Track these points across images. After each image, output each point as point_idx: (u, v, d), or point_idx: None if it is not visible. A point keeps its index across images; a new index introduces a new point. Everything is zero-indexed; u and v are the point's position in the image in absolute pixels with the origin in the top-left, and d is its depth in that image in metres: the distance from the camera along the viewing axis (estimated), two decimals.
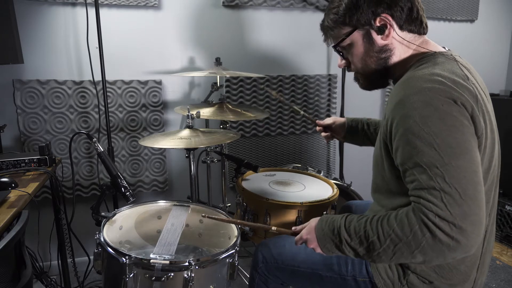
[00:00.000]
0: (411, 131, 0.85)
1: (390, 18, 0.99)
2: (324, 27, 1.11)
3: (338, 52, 1.11)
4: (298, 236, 1.10)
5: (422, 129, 0.84)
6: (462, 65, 0.97)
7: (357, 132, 1.48)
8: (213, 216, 1.26)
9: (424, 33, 1.05)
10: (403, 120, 0.87)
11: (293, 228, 1.13)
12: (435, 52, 1.00)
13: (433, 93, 0.86)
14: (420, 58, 1.01)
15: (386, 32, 1.00)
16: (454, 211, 0.79)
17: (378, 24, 1.00)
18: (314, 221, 1.06)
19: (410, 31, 1.02)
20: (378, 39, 1.02)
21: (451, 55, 1.00)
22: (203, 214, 1.34)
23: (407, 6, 0.99)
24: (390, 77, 1.10)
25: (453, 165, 0.81)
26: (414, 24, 1.01)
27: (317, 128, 1.59)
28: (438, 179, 0.81)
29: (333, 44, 1.10)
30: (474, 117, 0.86)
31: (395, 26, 1.00)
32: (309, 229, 1.06)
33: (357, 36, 1.04)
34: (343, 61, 1.13)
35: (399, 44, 1.03)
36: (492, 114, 0.98)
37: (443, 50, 1.03)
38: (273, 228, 1.17)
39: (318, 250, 1.02)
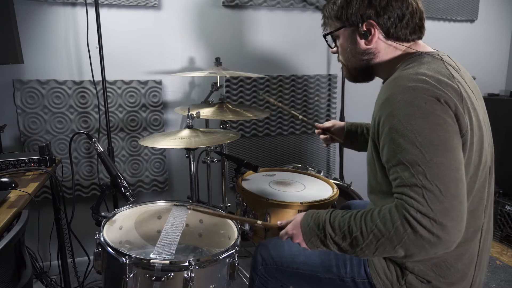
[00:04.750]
0: (395, 129, 0.87)
1: (375, 26, 1.01)
2: (324, 13, 1.14)
3: (332, 38, 1.13)
4: (283, 231, 1.11)
5: (405, 127, 0.85)
6: (448, 64, 0.98)
7: (356, 136, 1.48)
8: (198, 209, 1.29)
9: (414, 39, 1.04)
10: (388, 119, 0.89)
11: (278, 222, 1.14)
12: (422, 52, 1.01)
13: (417, 92, 0.87)
14: (407, 59, 1.02)
15: (369, 38, 1.02)
16: (435, 207, 0.80)
17: (364, 28, 1.02)
18: (299, 216, 1.08)
19: (397, 38, 1.02)
20: (362, 42, 1.04)
21: (438, 55, 1.01)
22: (188, 206, 1.36)
23: (396, 15, 0.99)
24: (375, 74, 1.12)
25: (435, 162, 0.82)
26: (403, 32, 1.01)
27: (316, 131, 1.59)
28: (419, 176, 0.82)
29: (323, 33, 1.14)
30: (458, 115, 0.87)
31: (380, 33, 1.02)
32: (295, 224, 1.07)
33: (344, 33, 1.07)
34: (335, 48, 1.15)
35: (385, 48, 1.04)
36: (481, 112, 0.99)
37: (431, 50, 1.04)
38: (259, 222, 1.19)
39: (303, 245, 1.04)
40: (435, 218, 0.80)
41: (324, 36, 1.14)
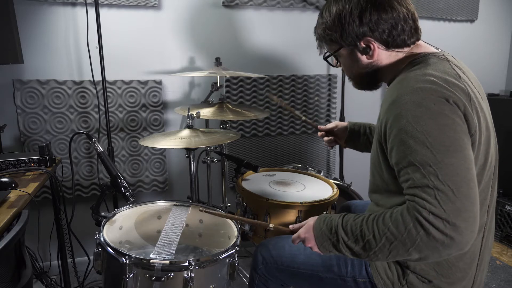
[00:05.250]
0: (405, 131, 0.86)
1: (373, 41, 1.00)
2: (316, 37, 1.13)
3: (334, 56, 1.13)
4: (295, 235, 1.10)
5: (415, 129, 0.85)
6: (454, 64, 0.98)
7: (358, 136, 1.47)
8: (211, 211, 1.28)
9: (414, 42, 1.04)
10: (396, 120, 0.89)
11: (290, 226, 1.14)
12: (427, 53, 1.01)
13: (425, 93, 0.87)
14: (412, 60, 1.01)
15: (370, 52, 1.02)
16: (448, 208, 0.80)
17: (362, 45, 1.02)
18: (312, 220, 1.07)
19: (397, 46, 1.02)
20: (363, 58, 1.04)
21: (443, 55, 1.01)
22: (200, 209, 1.36)
23: (390, 25, 0.98)
24: (381, 80, 1.12)
25: (446, 163, 0.82)
26: (401, 38, 1.00)
27: (319, 133, 1.58)
28: (431, 177, 0.82)
29: (322, 56, 1.14)
30: (467, 115, 0.87)
31: (380, 46, 1.01)
32: (307, 228, 1.06)
33: (343, 52, 1.07)
34: (338, 63, 1.16)
35: (387, 57, 1.04)
36: (487, 112, 0.99)
37: (435, 51, 1.04)
38: (271, 225, 1.19)
39: (316, 249, 1.03)
40: (448, 219, 0.80)
41: (325, 58, 1.13)
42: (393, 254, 0.88)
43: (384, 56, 1.03)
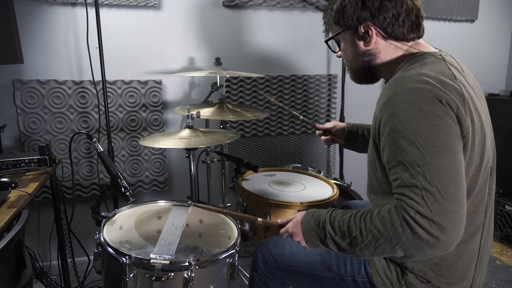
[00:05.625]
0: (396, 130, 0.87)
1: (372, 27, 1.01)
2: (324, 20, 1.15)
3: (336, 42, 1.14)
4: (283, 229, 1.11)
5: (406, 128, 0.86)
6: (450, 64, 0.98)
7: (357, 137, 1.48)
8: (199, 205, 1.29)
9: (414, 38, 1.03)
10: (389, 120, 0.89)
11: (279, 220, 1.15)
12: (424, 52, 1.01)
13: (418, 93, 0.88)
14: (410, 59, 1.02)
15: (368, 39, 1.02)
16: (434, 209, 0.80)
17: (362, 30, 1.02)
18: (300, 215, 1.08)
19: (396, 38, 1.02)
20: (361, 44, 1.05)
21: (440, 55, 1.01)
22: (189, 202, 1.36)
23: (391, 14, 0.99)
24: (378, 75, 1.12)
25: (435, 164, 0.82)
26: (400, 30, 1.01)
27: (317, 132, 1.59)
28: (419, 177, 0.83)
29: (325, 39, 1.15)
30: (460, 117, 0.87)
31: (378, 34, 1.02)
32: (295, 222, 1.08)
33: (344, 37, 1.08)
34: (339, 52, 1.16)
35: (385, 48, 1.04)
36: (484, 112, 0.99)
37: (433, 50, 1.04)
38: (259, 219, 1.19)
39: (303, 244, 1.04)
40: (434, 220, 0.80)
41: (326, 41, 1.15)
42: (379, 251, 0.88)
43: (381, 46, 1.03)
